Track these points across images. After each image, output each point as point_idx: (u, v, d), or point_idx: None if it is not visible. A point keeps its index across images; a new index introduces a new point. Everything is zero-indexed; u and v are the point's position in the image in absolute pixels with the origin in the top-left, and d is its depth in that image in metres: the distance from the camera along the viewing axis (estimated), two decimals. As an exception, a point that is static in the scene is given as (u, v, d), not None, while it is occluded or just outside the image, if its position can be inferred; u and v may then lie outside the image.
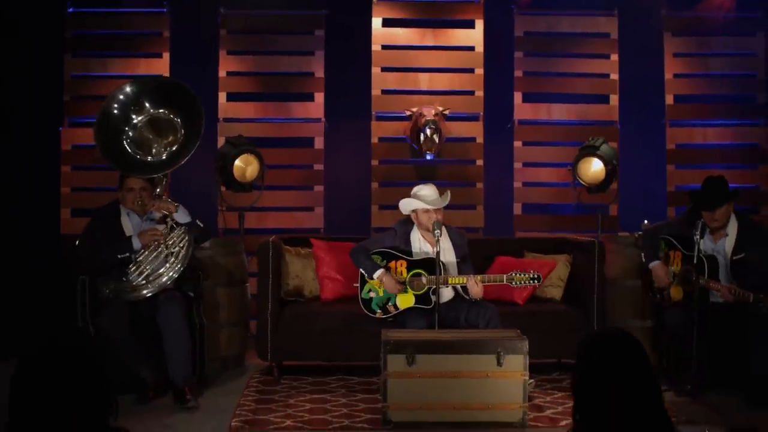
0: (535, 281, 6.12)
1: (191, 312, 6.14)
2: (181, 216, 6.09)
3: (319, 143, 8.74)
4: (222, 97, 8.65)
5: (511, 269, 6.38)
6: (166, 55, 8.66)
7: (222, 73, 8.71)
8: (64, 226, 8.47)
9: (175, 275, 5.98)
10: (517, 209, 8.77)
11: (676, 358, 6.37)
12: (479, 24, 8.68)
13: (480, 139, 8.68)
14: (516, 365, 5.43)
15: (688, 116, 8.92)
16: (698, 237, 6.01)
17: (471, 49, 8.71)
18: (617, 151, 8.18)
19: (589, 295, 6.63)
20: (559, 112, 8.87)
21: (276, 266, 6.55)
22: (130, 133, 6.09)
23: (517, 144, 8.81)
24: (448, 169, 8.69)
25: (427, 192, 6.36)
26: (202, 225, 6.22)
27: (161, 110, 6.09)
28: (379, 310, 6.33)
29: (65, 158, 8.60)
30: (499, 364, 5.41)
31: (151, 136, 6.12)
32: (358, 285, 6.40)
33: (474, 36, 8.70)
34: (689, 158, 8.93)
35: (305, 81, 8.80)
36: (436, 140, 8.19)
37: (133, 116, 6.10)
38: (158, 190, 6.15)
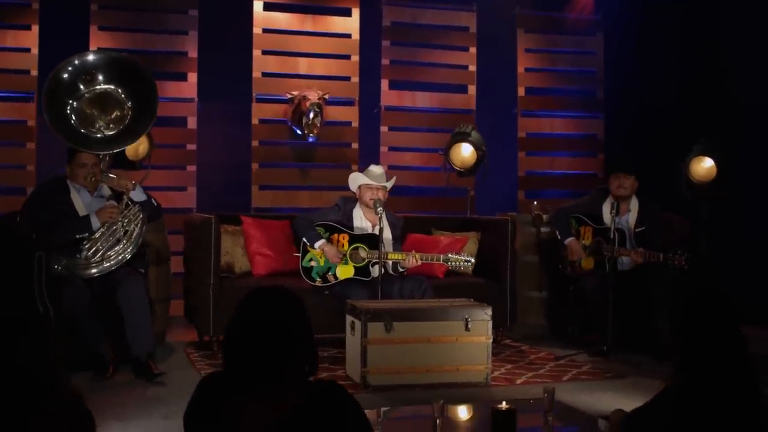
0: (468, 263, 6.61)
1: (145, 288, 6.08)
2: (137, 194, 6.02)
3: (192, 123, 8.72)
4: (94, 73, 8.42)
5: (423, 245, 6.89)
6: (35, 28, 8.33)
7: (93, 49, 8.45)
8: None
9: (128, 256, 5.91)
10: (383, 191, 9.17)
11: (588, 323, 7.04)
12: (356, 12, 9.01)
13: (355, 124, 9.03)
14: (481, 330, 5.89)
15: (537, 107, 9.74)
16: (614, 213, 6.74)
17: (348, 36, 9.03)
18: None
19: (503, 269, 7.17)
20: (422, 99, 9.38)
21: (217, 242, 6.59)
22: (74, 104, 5.93)
23: (384, 129, 9.23)
24: (326, 152, 8.97)
25: (374, 170, 6.69)
26: (156, 204, 6.17)
27: (117, 89, 5.97)
28: (318, 279, 6.58)
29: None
30: (466, 329, 5.83)
31: (95, 112, 5.99)
32: (300, 254, 6.63)
33: (350, 24, 9.03)
34: (538, 146, 9.76)
35: (178, 60, 8.75)
36: (318, 123, 8.45)
37: (81, 86, 5.94)
38: (101, 166, 6.05)
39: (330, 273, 6.58)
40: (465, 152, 8.54)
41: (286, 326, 3.00)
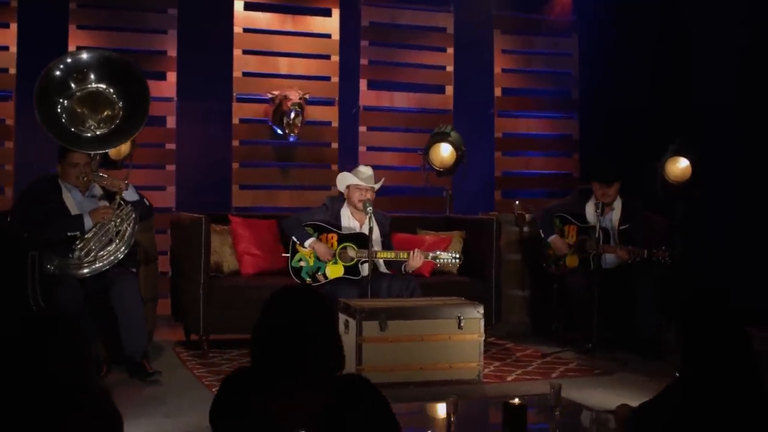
0: (457, 260, 6.70)
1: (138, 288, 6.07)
2: (130, 194, 6.01)
3: (171, 122, 8.71)
4: (72, 72, 8.37)
5: (409, 245, 6.99)
6: (14, 26, 8.26)
7: (72, 48, 8.39)
8: None
9: (121, 256, 5.89)
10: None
11: (572, 320, 7.14)
12: (335, 13, 9.05)
13: (335, 123, 9.07)
14: (473, 328, 5.97)
15: (513, 108, 9.84)
16: (599, 212, 6.85)
17: (327, 36, 9.06)
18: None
19: (487, 268, 7.26)
20: (400, 99, 9.43)
21: (207, 242, 6.59)
22: (65, 103, 5.90)
23: (362, 129, 9.28)
24: (306, 152, 9.01)
25: (363, 171, 6.74)
26: (148, 203, 6.17)
27: (108, 88, 5.95)
28: (308, 279, 6.63)
29: None
30: (459, 327, 5.92)
31: (85, 111, 5.96)
32: (288, 254, 6.66)
33: (330, 24, 9.06)
34: (514, 146, 9.87)
35: (158, 59, 8.73)
36: (298, 123, 8.48)
37: (73, 84, 5.92)
38: (92, 166, 6.04)
39: (320, 273, 6.64)
40: (444, 152, 8.61)
41: (310, 324, 3.05)
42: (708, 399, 3.29)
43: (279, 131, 8.62)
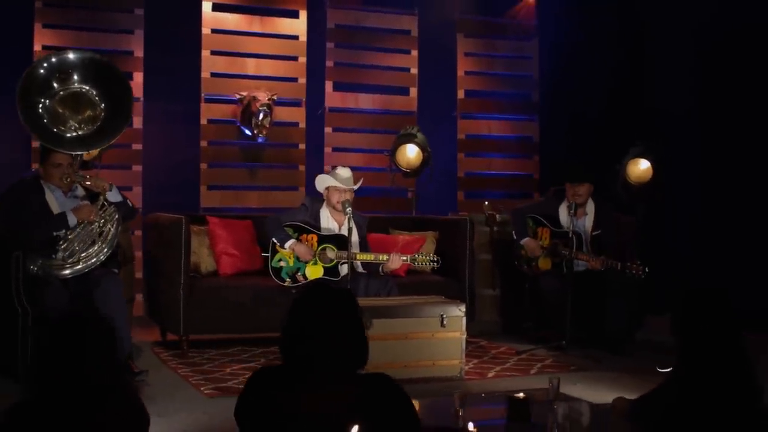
0: (434, 263, 6.79)
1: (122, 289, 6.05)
2: (113, 195, 6.00)
3: (137, 123, 8.66)
4: (38, 72, 8.29)
5: (384, 245, 7.08)
6: (-23, 25, 8.18)
7: (38, 47, 8.32)
8: None
9: (103, 258, 5.87)
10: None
11: (544, 319, 7.27)
12: (303, 14, 9.10)
13: (302, 124, 9.11)
14: (456, 326, 6.11)
15: (475, 110, 9.98)
16: (572, 213, 6.98)
17: (295, 38, 9.10)
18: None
19: (461, 267, 7.37)
20: (365, 101, 9.51)
21: (187, 242, 6.60)
22: (47, 102, 5.88)
23: (328, 130, 9.33)
24: (273, 152, 9.03)
25: (342, 173, 6.78)
26: (131, 204, 6.16)
27: (91, 90, 5.93)
28: (288, 279, 6.66)
29: None
30: (442, 325, 6.04)
31: (67, 111, 5.94)
32: (268, 254, 6.69)
33: (298, 25, 9.11)
34: (476, 148, 10.00)
35: (124, 60, 8.65)
36: (267, 124, 8.51)
37: (55, 84, 5.90)
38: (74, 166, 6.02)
39: (299, 273, 6.67)
40: (410, 153, 8.71)
41: (339, 321, 3.12)
42: (704, 394, 3.43)
43: (247, 132, 8.65)
